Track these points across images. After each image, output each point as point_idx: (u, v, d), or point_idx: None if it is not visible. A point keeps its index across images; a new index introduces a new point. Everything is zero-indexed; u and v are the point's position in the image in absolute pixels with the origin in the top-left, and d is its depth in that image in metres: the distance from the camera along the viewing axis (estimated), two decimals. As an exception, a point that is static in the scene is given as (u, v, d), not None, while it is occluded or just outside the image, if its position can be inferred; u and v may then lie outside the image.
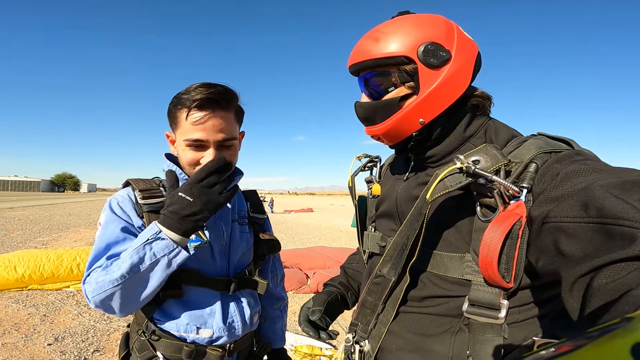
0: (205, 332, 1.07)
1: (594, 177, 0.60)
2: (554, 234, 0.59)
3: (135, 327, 1.10)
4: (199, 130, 1.00)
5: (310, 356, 2.83)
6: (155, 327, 1.06)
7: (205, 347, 1.07)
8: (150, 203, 1.06)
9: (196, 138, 1.00)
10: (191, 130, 1.01)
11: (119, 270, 0.90)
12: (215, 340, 1.08)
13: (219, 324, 1.08)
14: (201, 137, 1.00)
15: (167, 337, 1.05)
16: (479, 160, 0.73)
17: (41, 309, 4.13)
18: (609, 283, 0.47)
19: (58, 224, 13.59)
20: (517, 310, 0.74)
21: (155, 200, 1.07)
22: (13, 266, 4.81)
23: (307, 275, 5.88)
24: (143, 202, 1.06)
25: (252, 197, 1.36)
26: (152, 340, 1.06)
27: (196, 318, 1.07)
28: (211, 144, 1.02)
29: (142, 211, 1.05)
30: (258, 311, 1.25)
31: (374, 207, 1.05)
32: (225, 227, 1.15)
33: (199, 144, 1.02)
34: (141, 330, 1.07)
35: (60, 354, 3.12)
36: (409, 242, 0.78)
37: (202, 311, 1.08)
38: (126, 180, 1.14)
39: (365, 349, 0.89)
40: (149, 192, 1.09)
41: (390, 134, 0.87)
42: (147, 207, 1.05)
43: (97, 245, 1.00)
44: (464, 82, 0.82)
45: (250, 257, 1.24)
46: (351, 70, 0.89)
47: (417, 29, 0.81)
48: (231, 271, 1.16)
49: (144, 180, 1.14)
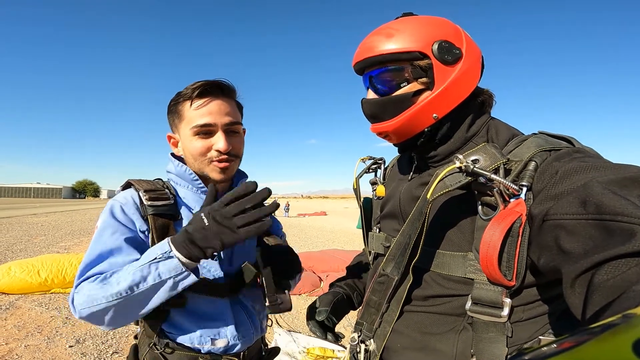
0: (220, 342, 1.02)
1: (593, 174, 0.60)
2: (555, 231, 0.60)
3: (145, 340, 1.03)
4: (205, 115, 0.99)
5: (323, 358, 2.84)
6: (168, 340, 1.00)
7: (220, 357, 1.03)
8: (157, 205, 0.99)
9: (204, 123, 0.98)
10: (197, 116, 0.99)
11: (118, 286, 0.84)
12: (230, 349, 1.05)
13: (233, 332, 1.04)
14: (208, 122, 0.99)
15: (181, 350, 1.00)
16: (478, 160, 0.74)
17: (63, 312, 4.25)
18: (610, 279, 0.47)
19: (79, 229, 13.94)
20: (522, 309, 0.74)
21: (162, 203, 1.00)
22: (37, 270, 4.97)
23: (320, 278, 5.89)
24: (149, 204, 0.99)
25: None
26: (166, 353, 1.00)
27: (209, 328, 1.02)
28: (219, 127, 1.00)
29: (146, 213, 0.98)
30: (266, 315, 1.22)
31: (378, 208, 1.06)
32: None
33: (207, 130, 1.00)
34: (152, 343, 1.00)
35: (81, 355, 3.21)
36: (411, 241, 0.79)
37: (215, 320, 1.03)
38: (126, 181, 1.07)
39: (371, 348, 0.89)
40: (155, 192, 1.02)
41: (402, 130, 0.87)
42: (153, 209, 0.99)
43: (90, 252, 0.93)
44: (474, 79, 0.84)
45: (253, 259, 1.15)
46: (357, 67, 0.89)
47: (430, 27, 0.82)
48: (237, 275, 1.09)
49: (147, 181, 1.08)
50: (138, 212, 0.99)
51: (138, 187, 1.02)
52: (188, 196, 1.08)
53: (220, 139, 1.00)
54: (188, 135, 1.01)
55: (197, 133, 1.00)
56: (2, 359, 3.03)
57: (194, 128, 0.99)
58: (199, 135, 1.00)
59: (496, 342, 0.72)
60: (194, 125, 0.99)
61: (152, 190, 1.02)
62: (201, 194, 1.08)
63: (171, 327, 1.01)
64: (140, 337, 1.06)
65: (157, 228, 0.97)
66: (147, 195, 1.00)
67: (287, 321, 4.07)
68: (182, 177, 1.07)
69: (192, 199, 1.08)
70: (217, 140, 1.00)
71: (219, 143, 1.00)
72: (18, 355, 3.12)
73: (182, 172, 1.07)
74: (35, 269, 5.00)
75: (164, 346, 0.99)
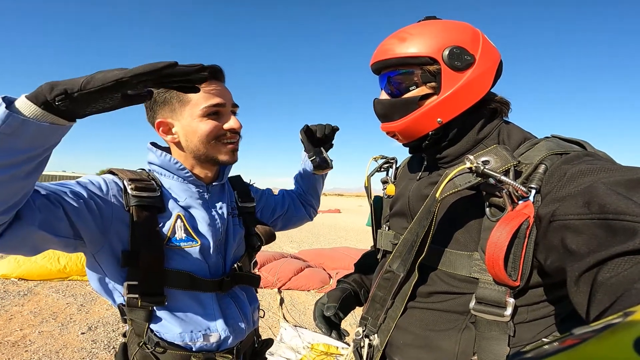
0: (212, 337, 1.00)
1: (600, 176, 0.60)
2: (561, 232, 0.60)
3: (135, 339, 0.99)
4: (215, 96, 0.99)
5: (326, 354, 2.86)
6: (159, 339, 0.97)
7: (214, 355, 1.02)
8: (142, 196, 0.93)
9: (216, 102, 0.98)
10: (206, 98, 0.98)
11: None
12: (222, 343, 1.03)
13: (223, 326, 1.02)
14: (221, 102, 0.99)
15: (172, 348, 0.97)
16: (489, 161, 0.74)
17: (79, 299, 4.37)
18: (612, 277, 0.48)
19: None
20: (526, 310, 0.74)
21: (148, 194, 0.95)
22: (57, 257, 5.11)
23: (330, 275, 5.91)
24: (134, 194, 0.93)
25: (238, 184, 1.26)
26: (157, 352, 0.97)
27: (198, 324, 1.00)
28: (228, 107, 1.02)
29: (129, 204, 0.92)
30: (257, 307, 1.20)
31: (388, 207, 1.08)
32: (221, 222, 1.08)
33: (218, 110, 1.00)
34: (142, 342, 0.97)
35: (92, 342, 3.29)
36: (418, 238, 0.80)
37: (203, 315, 1.01)
38: (108, 169, 1.02)
39: (374, 343, 0.91)
40: (141, 182, 0.96)
41: (407, 131, 0.89)
42: (137, 200, 0.92)
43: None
44: (484, 87, 0.84)
45: (243, 250, 1.17)
46: (373, 67, 0.92)
47: (444, 32, 0.83)
48: (227, 268, 1.09)
49: (131, 170, 1.03)
50: (120, 198, 0.92)
51: (122, 176, 0.96)
52: (174, 186, 1.04)
53: (232, 119, 1.02)
54: (195, 118, 0.98)
55: (207, 114, 0.99)
56: (16, 344, 3.11)
57: (204, 109, 0.98)
58: (210, 116, 0.99)
59: (498, 342, 0.73)
60: (205, 106, 0.97)
61: (138, 180, 0.96)
62: (188, 184, 1.05)
63: (159, 327, 0.98)
64: (129, 335, 1.02)
65: (141, 222, 0.92)
66: (133, 184, 0.94)
67: (294, 316, 4.10)
68: (167, 167, 1.03)
69: (179, 189, 1.04)
70: (229, 119, 1.02)
71: (232, 122, 1.01)
72: (31, 341, 3.20)
73: (166, 162, 1.03)
74: (56, 255, 5.13)
75: (154, 345, 0.97)
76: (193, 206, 1.04)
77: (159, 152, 1.03)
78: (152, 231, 0.94)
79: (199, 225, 1.03)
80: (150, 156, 1.05)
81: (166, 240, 0.96)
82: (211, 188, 1.11)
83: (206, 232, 1.03)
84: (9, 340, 3.18)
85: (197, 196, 1.06)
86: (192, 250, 0.99)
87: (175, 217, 0.99)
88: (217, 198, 1.12)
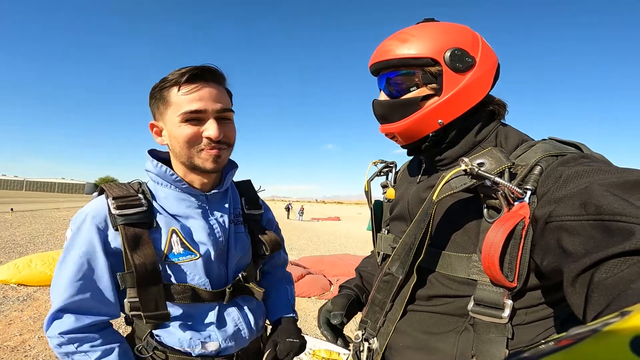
0: (211, 345, 0.99)
1: (596, 177, 0.61)
2: (557, 233, 0.61)
3: (135, 342, 1.00)
4: (195, 101, 0.91)
5: (328, 360, 2.84)
6: (158, 344, 0.97)
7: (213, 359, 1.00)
8: (126, 214, 0.91)
9: (194, 109, 0.91)
10: (186, 102, 0.91)
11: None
12: (222, 351, 1.01)
13: (225, 334, 1.00)
14: (199, 107, 0.91)
15: (172, 353, 0.97)
16: (484, 163, 0.75)
17: (79, 305, 4.37)
18: (609, 278, 0.48)
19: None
20: (524, 312, 0.74)
21: (133, 211, 0.92)
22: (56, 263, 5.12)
23: (330, 282, 5.88)
24: (117, 213, 0.90)
25: (246, 190, 1.21)
26: (156, 356, 0.97)
27: (198, 332, 0.98)
28: (210, 114, 0.93)
29: (116, 224, 0.90)
30: (263, 313, 1.17)
31: (388, 211, 1.08)
32: (222, 231, 1.04)
33: (197, 117, 0.92)
34: (142, 347, 0.97)
35: (91, 348, 3.30)
36: (416, 241, 0.81)
37: (202, 324, 0.99)
38: (100, 187, 0.99)
39: (374, 346, 0.91)
40: (124, 199, 0.93)
41: (407, 133, 0.89)
42: (123, 219, 0.90)
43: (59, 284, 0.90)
44: (484, 89, 0.85)
45: (249, 258, 1.14)
46: (373, 68, 0.91)
47: (445, 34, 0.84)
48: (230, 278, 1.06)
49: (120, 185, 1.00)
50: (110, 224, 0.92)
51: (108, 194, 0.94)
52: (171, 196, 1.01)
53: (212, 126, 0.93)
54: (175, 123, 0.93)
55: (186, 120, 0.92)
56: (15, 349, 3.10)
57: (182, 114, 0.91)
58: (189, 122, 0.92)
59: (496, 343, 0.72)
60: (183, 112, 0.91)
61: (122, 197, 0.93)
62: (185, 194, 1.01)
63: (160, 331, 0.98)
64: (129, 338, 1.03)
65: (129, 239, 0.90)
66: (115, 203, 0.92)
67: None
68: (163, 177, 1.00)
69: (176, 199, 1.01)
70: (209, 127, 0.93)
71: (210, 130, 0.93)
72: (31, 346, 3.19)
73: (162, 173, 0.99)
74: (55, 261, 5.14)
75: (153, 348, 0.97)
76: (191, 216, 1.01)
77: (155, 162, 1.00)
78: (144, 246, 0.91)
79: (198, 235, 0.99)
80: (147, 164, 1.02)
81: (163, 257, 0.94)
82: (210, 197, 1.05)
83: (206, 242, 1.00)
84: (9, 345, 3.17)
85: (195, 206, 1.02)
86: (191, 264, 0.97)
87: (170, 233, 0.96)
88: (218, 206, 1.08)
